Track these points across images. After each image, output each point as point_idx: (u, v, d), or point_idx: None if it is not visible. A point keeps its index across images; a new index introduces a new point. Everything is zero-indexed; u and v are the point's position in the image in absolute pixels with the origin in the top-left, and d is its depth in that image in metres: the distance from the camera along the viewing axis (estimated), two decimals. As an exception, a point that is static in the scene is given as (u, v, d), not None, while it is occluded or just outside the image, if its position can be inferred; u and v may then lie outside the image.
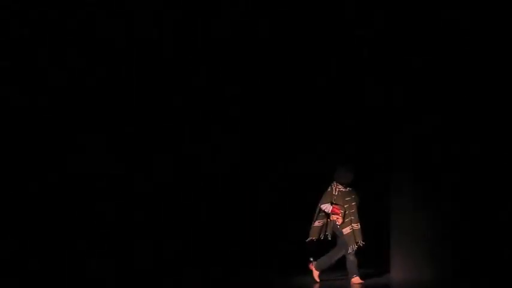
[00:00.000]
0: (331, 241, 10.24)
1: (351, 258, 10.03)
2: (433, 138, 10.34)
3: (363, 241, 9.99)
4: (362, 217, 10.10)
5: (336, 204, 10.05)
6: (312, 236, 10.18)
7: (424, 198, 10.34)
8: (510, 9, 10.00)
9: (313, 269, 10.28)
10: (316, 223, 10.17)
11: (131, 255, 11.38)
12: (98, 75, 11.51)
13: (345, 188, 10.10)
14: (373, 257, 10.59)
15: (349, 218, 10.02)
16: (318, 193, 10.21)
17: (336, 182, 10.11)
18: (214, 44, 11.79)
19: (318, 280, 10.23)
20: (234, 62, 11.86)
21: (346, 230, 10.04)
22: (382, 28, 10.77)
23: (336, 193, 10.10)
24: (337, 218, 10.01)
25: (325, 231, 10.18)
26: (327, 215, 10.15)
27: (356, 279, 10.08)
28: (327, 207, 10.08)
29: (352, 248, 9.97)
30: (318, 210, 10.14)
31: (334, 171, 10.13)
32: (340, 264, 10.23)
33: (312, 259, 10.29)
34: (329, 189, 10.14)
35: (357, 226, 10.03)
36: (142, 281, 10.38)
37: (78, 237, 11.28)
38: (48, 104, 11.36)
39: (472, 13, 10.14)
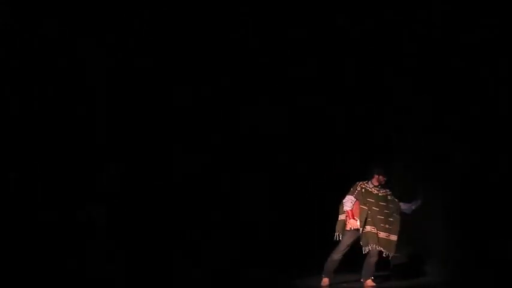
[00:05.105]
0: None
1: (368, 260, 9.85)
2: (433, 140, 10.34)
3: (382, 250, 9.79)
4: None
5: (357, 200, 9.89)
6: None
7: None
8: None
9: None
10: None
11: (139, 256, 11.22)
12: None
13: (374, 189, 9.95)
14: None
15: (362, 220, 9.81)
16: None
17: (365, 181, 9.95)
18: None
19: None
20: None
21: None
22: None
23: (359, 189, 9.91)
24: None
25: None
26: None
27: (369, 282, 9.90)
28: (348, 200, 9.90)
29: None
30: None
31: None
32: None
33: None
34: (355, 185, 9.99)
35: (371, 229, 9.79)
36: (150, 280, 10.44)
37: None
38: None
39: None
